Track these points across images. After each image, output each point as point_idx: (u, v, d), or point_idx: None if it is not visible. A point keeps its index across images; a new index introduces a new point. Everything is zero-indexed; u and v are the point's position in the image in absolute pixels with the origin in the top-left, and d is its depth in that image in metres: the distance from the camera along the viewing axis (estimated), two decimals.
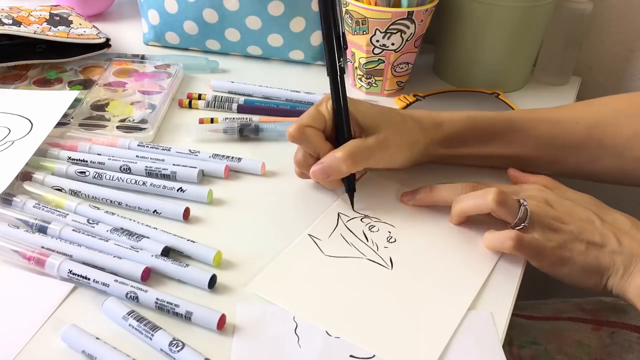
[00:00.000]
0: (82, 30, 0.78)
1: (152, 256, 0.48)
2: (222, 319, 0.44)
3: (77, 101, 0.67)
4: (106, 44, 0.78)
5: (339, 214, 0.56)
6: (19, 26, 0.74)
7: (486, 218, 0.52)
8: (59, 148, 0.61)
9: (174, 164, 0.59)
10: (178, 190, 0.56)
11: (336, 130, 0.56)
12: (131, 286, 0.45)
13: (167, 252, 0.49)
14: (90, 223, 0.52)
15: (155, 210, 0.54)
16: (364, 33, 0.70)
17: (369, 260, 0.51)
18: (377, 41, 0.70)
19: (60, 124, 0.63)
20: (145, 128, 0.64)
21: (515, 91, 0.80)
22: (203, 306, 0.44)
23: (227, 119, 0.68)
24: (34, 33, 0.73)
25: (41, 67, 0.75)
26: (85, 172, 0.57)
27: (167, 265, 0.48)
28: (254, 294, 0.47)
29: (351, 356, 0.43)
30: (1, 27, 0.72)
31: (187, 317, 0.44)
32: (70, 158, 0.59)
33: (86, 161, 0.59)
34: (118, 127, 0.64)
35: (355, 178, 0.56)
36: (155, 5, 0.80)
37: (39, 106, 0.65)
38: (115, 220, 0.52)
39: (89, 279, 0.46)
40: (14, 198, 0.54)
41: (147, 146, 0.62)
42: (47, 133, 0.61)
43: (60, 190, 0.56)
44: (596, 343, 0.64)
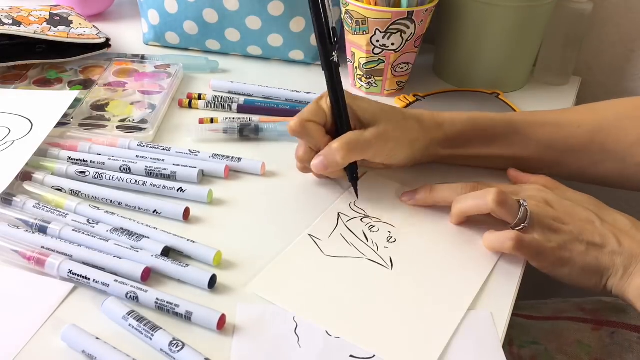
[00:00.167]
0: (82, 30, 0.78)
1: (152, 256, 0.48)
2: (222, 319, 0.44)
3: (77, 101, 0.67)
4: (106, 44, 0.78)
5: (339, 214, 0.56)
6: (19, 26, 0.74)
7: (486, 218, 0.52)
8: (59, 148, 0.61)
9: (174, 164, 0.59)
10: (178, 190, 0.56)
11: (335, 123, 0.56)
12: (131, 286, 0.45)
13: (167, 252, 0.49)
14: (90, 223, 0.52)
15: (155, 210, 0.54)
16: (364, 33, 0.70)
17: (369, 260, 0.51)
18: (377, 41, 0.70)
19: (60, 124, 0.63)
20: (145, 128, 0.64)
21: (515, 91, 0.80)
22: (203, 306, 0.44)
23: (227, 119, 0.68)
24: (34, 33, 0.73)
25: (41, 67, 0.75)
26: (85, 172, 0.57)
27: (167, 265, 0.48)
28: (254, 294, 0.47)
29: (351, 356, 0.43)
30: (1, 27, 0.72)
31: (187, 317, 0.44)
32: (70, 158, 0.59)
33: (86, 161, 0.59)
34: (118, 127, 0.64)
35: (357, 167, 0.57)
36: (155, 5, 0.80)
37: (39, 106, 0.65)
38: (115, 220, 0.52)
39: (89, 279, 0.46)
40: (14, 198, 0.54)
41: (147, 146, 0.62)
42: (47, 133, 0.61)
43: (60, 190, 0.56)
44: (596, 343, 0.64)
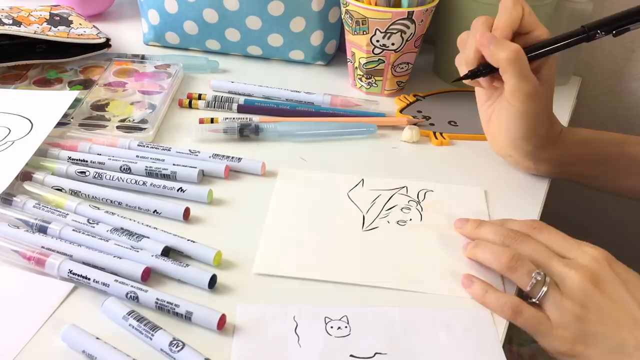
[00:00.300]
0: (82, 30, 0.78)
1: (152, 256, 0.48)
2: (222, 319, 0.44)
3: (77, 101, 0.67)
4: (106, 44, 0.78)
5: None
6: (19, 26, 0.74)
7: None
8: (59, 148, 0.61)
9: (174, 164, 0.59)
10: (178, 190, 0.56)
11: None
12: (131, 286, 0.45)
13: (167, 252, 0.49)
14: (90, 223, 0.52)
15: (155, 210, 0.54)
16: (364, 33, 0.70)
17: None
18: (377, 41, 0.70)
19: (60, 124, 0.63)
20: (145, 128, 0.64)
21: None
22: (203, 306, 0.44)
23: (227, 119, 0.68)
24: (34, 33, 0.73)
25: (41, 67, 0.75)
26: (85, 172, 0.57)
27: (167, 265, 0.48)
28: (254, 292, 0.47)
29: (351, 356, 0.43)
30: (1, 27, 0.72)
31: (187, 317, 0.44)
32: (70, 158, 0.59)
33: (86, 161, 0.59)
34: (118, 127, 0.64)
35: (489, 73, 0.56)
36: (155, 5, 0.80)
37: (39, 106, 0.65)
38: (115, 220, 0.52)
39: (89, 279, 0.46)
40: (14, 198, 0.54)
41: (147, 146, 0.62)
42: (47, 133, 0.61)
43: (60, 190, 0.56)
44: None
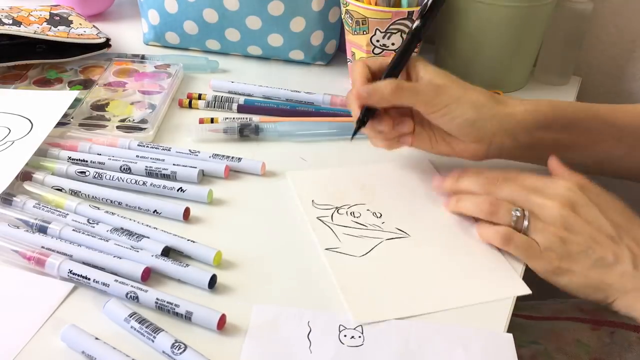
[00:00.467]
0: (82, 30, 0.78)
1: (152, 256, 0.48)
2: (222, 319, 0.44)
3: (77, 101, 0.67)
4: (106, 44, 0.78)
5: (320, 219, 0.55)
6: (19, 26, 0.74)
7: None
8: (59, 148, 0.61)
9: (174, 164, 0.59)
10: (178, 190, 0.56)
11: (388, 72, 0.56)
12: (131, 286, 0.45)
13: (167, 252, 0.49)
14: (90, 223, 0.52)
15: (155, 210, 0.54)
16: (364, 33, 0.70)
17: (388, 239, 0.53)
18: (377, 41, 0.70)
19: (60, 124, 0.63)
20: (145, 128, 0.64)
21: (515, 91, 0.80)
22: (203, 306, 0.44)
23: (227, 119, 0.68)
24: (34, 33, 0.73)
25: (41, 67, 0.75)
26: (85, 172, 0.57)
27: (167, 265, 0.48)
28: (255, 292, 0.47)
29: None
30: (1, 27, 0.72)
31: (187, 317, 0.44)
32: (70, 158, 0.59)
33: (86, 161, 0.59)
34: (118, 127, 0.64)
35: (372, 115, 0.55)
36: (155, 5, 0.80)
37: (39, 106, 0.65)
38: (115, 220, 0.52)
39: (89, 279, 0.46)
40: (14, 198, 0.54)
41: (147, 146, 0.62)
42: (47, 133, 0.61)
43: (60, 190, 0.56)
44: (595, 342, 0.64)
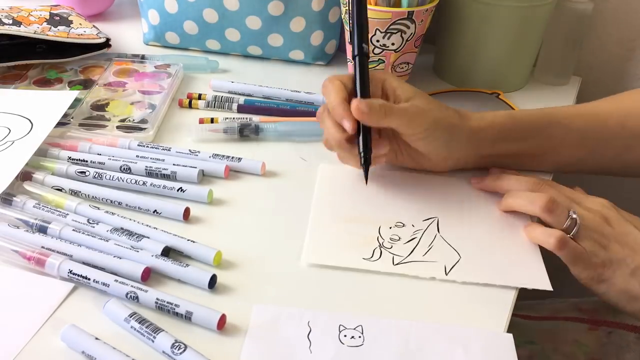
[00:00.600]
0: (82, 30, 0.78)
1: (152, 256, 0.48)
2: (222, 319, 0.44)
3: (77, 101, 0.67)
4: (106, 44, 0.78)
5: (378, 248, 0.53)
6: (19, 26, 0.74)
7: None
8: (59, 148, 0.61)
9: (174, 164, 0.59)
10: (178, 190, 0.56)
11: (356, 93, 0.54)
12: (131, 286, 0.45)
13: (167, 252, 0.49)
14: (90, 223, 0.52)
15: (155, 210, 0.54)
16: None
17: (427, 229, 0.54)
18: (377, 41, 0.70)
19: (60, 124, 0.63)
20: (145, 128, 0.64)
21: (515, 91, 0.80)
22: (203, 306, 0.44)
23: (227, 119, 0.68)
24: (34, 33, 0.73)
25: (41, 67, 0.75)
26: (85, 172, 0.57)
27: (167, 265, 0.48)
28: (255, 292, 0.47)
29: None
30: (1, 27, 0.72)
31: (187, 317, 0.44)
32: (70, 158, 0.59)
33: (86, 161, 0.59)
34: (118, 127, 0.64)
35: (370, 151, 0.53)
36: (155, 5, 0.80)
37: (39, 106, 0.65)
38: (115, 220, 0.52)
39: (89, 279, 0.46)
40: (14, 198, 0.54)
41: (147, 146, 0.62)
42: (47, 133, 0.61)
43: (60, 190, 0.56)
44: (593, 343, 0.64)
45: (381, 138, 0.55)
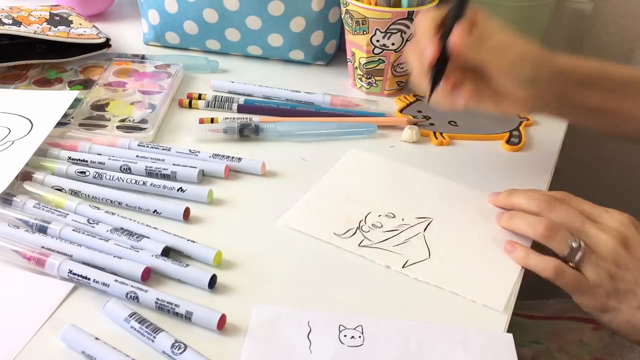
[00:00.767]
0: (82, 30, 0.78)
1: (152, 256, 0.48)
2: (222, 319, 0.44)
3: (77, 101, 0.67)
4: (106, 44, 0.78)
5: (363, 247, 0.52)
6: (19, 26, 0.74)
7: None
8: (59, 148, 0.61)
9: (174, 164, 0.59)
10: (178, 190, 0.56)
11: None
12: (131, 286, 0.45)
13: (167, 252, 0.49)
14: (90, 223, 0.52)
15: (155, 210, 0.54)
16: (364, 33, 0.70)
17: (425, 230, 0.54)
18: (377, 41, 0.70)
19: (60, 124, 0.63)
20: (145, 128, 0.64)
21: None
22: (203, 306, 0.44)
23: (227, 119, 0.68)
24: (34, 33, 0.73)
25: (41, 67, 0.75)
26: (85, 172, 0.57)
27: (167, 265, 0.48)
28: (254, 292, 0.47)
29: None
30: (1, 27, 0.72)
31: (187, 317, 0.44)
32: (70, 158, 0.59)
33: (86, 161, 0.59)
34: (118, 127, 0.64)
35: (444, 72, 0.54)
36: (155, 5, 0.80)
37: (39, 106, 0.65)
38: (115, 220, 0.52)
39: (89, 279, 0.46)
40: (14, 198, 0.54)
41: (147, 146, 0.62)
42: (47, 133, 0.61)
43: (60, 190, 0.56)
44: (597, 342, 0.64)
45: (463, 86, 0.54)
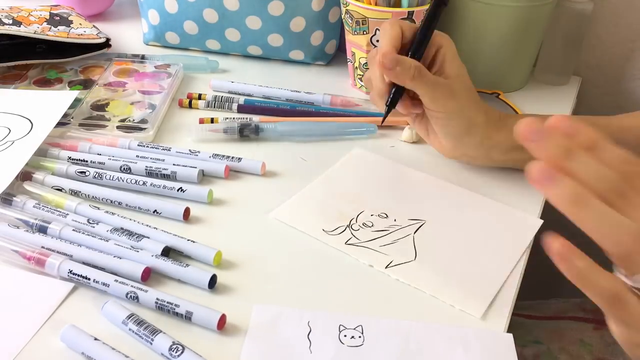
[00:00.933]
0: (82, 30, 0.78)
1: (152, 256, 0.48)
2: (222, 319, 0.44)
3: (77, 101, 0.67)
4: (106, 44, 0.78)
5: (350, 244, 0.52)
6: (19, 26, 0.74)
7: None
8: (59, 148, 0.61)
9: (174, 164, 0.59)
10: (178, 190, 0.56)
11: (413, 47, 0.53)
12: (131, 286, 0.45)
13: (167, 252, 0.49)
14: (90, 223, 0.52)
15: (155, 210, 0.54)
16: (364, 33, 0.70)
17: (415, 232, 0.53)
18: (377, 41, 0.70)
19: (60, 124, 0.63)
20: (145, 128, 0.64)
21: (515, 91, 0.80)
22: (203, 306, 0.44)
23: (227, 119, 0.68)
24: (34, 33, 0.73)
25: (41, 67, 0.75)
26: (85, 172, 0.57)
27: (167, 265, 0.48)
28: (255, 292, 0.47)
29: None
30: (1, 27, 0.72)
31: (187, 317, 0.44)
32: (70, 158, 0.59)
33: (86, 161, 0.59)
34: (118, 127, 0.64)
35: (401, 95, 0.54)
36: (155, 5, 0.80)
37: (39, 106, 0.65)
38: (115, 220, 0.52)
39: (89, 279, 0.46)
40: (14, 198, 0.54)
41: (147, 146, 0.62)
42: (47, 133, 0.61)
43: (60, 190, 0.56)
44: (598, 342, 0.64)
45: (417, 101, 0.54)
